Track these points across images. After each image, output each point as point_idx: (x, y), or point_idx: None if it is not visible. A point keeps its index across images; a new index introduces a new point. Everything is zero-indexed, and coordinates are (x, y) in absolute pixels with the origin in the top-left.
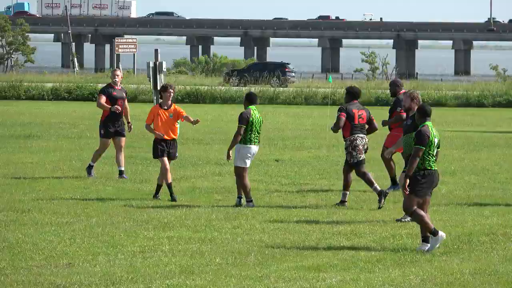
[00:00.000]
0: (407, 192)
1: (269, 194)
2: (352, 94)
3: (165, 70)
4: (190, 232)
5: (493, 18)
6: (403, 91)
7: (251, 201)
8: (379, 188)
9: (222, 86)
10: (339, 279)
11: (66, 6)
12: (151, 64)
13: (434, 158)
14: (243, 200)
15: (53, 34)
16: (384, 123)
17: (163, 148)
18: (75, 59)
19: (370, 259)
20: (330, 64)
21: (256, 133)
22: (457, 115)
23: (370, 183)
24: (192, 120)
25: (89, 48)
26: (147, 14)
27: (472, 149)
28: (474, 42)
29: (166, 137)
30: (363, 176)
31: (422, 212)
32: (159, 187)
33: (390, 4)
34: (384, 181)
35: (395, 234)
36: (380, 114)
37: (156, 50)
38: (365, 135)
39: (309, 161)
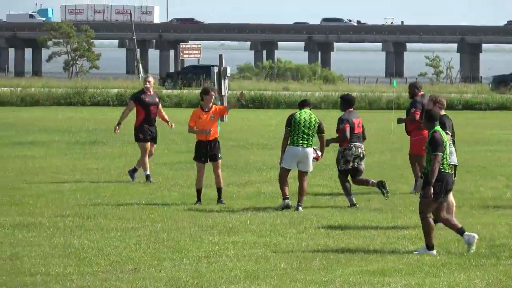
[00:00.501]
0: (430, 198)
1: (334, 199)
2: (348, 101)
3: (229, 75)
4: (255, 237)
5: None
6: (421, 93)
7: (287, 198)
8: (354, 200)
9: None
10: (404, 283)
11: (130, 13)
12: (216, 70)
13: (447, 162)
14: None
15: (117, 40)
16: (399, 120)
17: (202, 152)
18: (140, 65)
19: (435, 263)
20: (394, 68)
21: (301, 134)
22: None
23: (347, 192)
24: (234, 101)
25: (153, 54)
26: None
27: None
28: None
29: (206, 138)
30: (343, 184)
31: (432, 224)
32: (198, 192)
33: (454, 7)
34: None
35: (460, 238)
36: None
37: (220, 56)
38: (361, 144)
39: (373, 166)
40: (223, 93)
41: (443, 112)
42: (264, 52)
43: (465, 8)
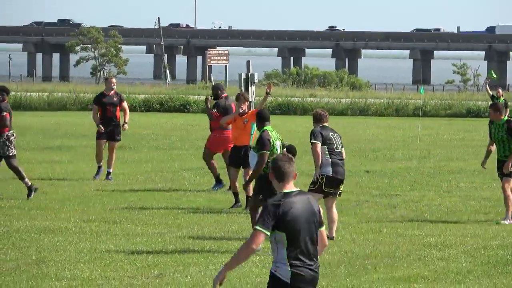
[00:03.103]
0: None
1: (360, 205)
2: (6, 91)
3: (256, 81)
4: None
5: None
6: (224, 95)
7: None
8: (29, 183)
9: (313, 98)
10: None
11: (158, 18)
12: (243, 76)
13: None
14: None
15: (145, 46)
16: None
17: (235, 157)
18: (167, 70)
19: (460, 270)
20: (421, 75)
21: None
22: None
23: (21, 177)
24: (266, 93)
25: (181, 60)
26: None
27: None
28: None
29: (237, 143)
30: (16, 169)
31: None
32: (235, 195)
33: (481, 14)
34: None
35: (486, 246)
36: (473, 124)
37: (248, 62)
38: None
39: (399, 172)
40: (250, 99)
41: (326, 124)
42: (292, 58)
43: (493, 16)
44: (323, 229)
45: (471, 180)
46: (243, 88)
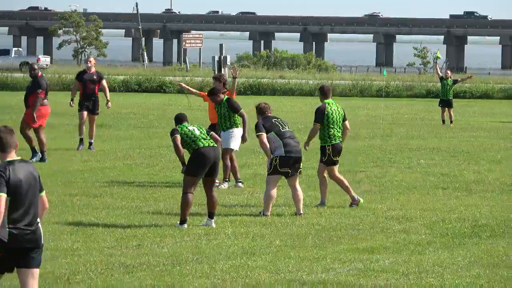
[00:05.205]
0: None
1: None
2: None
3: (229, 63)
4: (252, 216)
5: None
6: (40, 74)
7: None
8: None
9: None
10: (392, 260)
11: (136, 3)
12: (216, 58)
13: (199, 139)
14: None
15: (124, 30)
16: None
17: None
18: (145, 53)
19: (420, 242)
20: (384, 58)
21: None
22: (503, 107)
23: None
24: (230, 80)
25: (157, 43)
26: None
27: None
28: None
29: (214, 122)
30: None
31: (190, 199)
32: None
33: (441, 0)
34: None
35: (445, 219)
36: (432, 105)
37: (221, 45)
38: None
39: (363, 150)
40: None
41: (268, 114)
42: (262, 42)
43: (451, 2)
44: (44, 194)
45: (431, 157)
46: (216, 69)
